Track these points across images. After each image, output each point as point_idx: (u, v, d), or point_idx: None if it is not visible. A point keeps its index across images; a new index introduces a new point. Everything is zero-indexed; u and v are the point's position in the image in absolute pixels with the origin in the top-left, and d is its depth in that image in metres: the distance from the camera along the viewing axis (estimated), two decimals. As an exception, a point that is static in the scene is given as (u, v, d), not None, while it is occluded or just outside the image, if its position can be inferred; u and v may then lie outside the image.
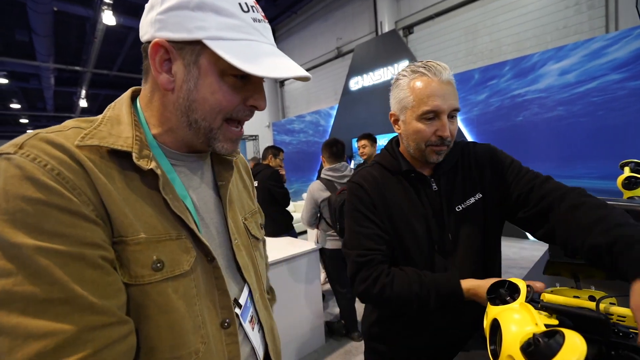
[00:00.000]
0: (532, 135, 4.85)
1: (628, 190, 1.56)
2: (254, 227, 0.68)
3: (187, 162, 0.56)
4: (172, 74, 0.48)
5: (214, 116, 0.50)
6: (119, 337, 0.40)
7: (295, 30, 11.18)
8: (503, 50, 6.28)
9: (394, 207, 0.84)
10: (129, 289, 0.43)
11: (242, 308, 0.57)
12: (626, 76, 3.96)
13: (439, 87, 0.77)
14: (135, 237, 0.44)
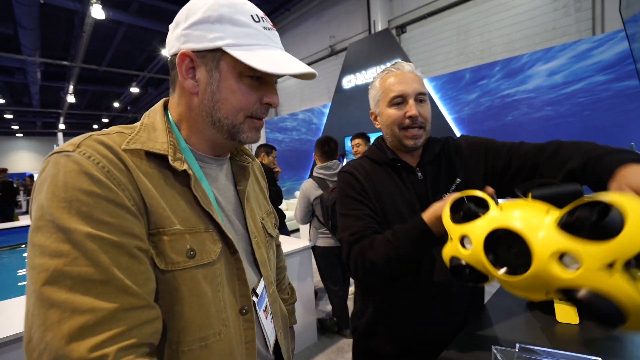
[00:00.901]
0: (521, 135, 4.94)
1: (611, 188, 1.61)
2: (270, 226, 0.76)
3: (213, 165, 0.64)
4: (197, 79, 0.55)
5: (236, 114, 0.57)
6: (148, 319, 0.45)
7: (288, 28, 11.12)
8: (493, 51, 6.36)
9: (383, 194, 0.88)
10: (165, 275, 0.49)
11: (258, 297, 0.64)
12: (611, 78, 4.06)
13: (402, 76, 0.88)
14: (171, 227, 0.50)
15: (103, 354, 0.39)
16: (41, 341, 0.38)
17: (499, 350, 0.65)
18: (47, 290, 0.39)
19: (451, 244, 0.53)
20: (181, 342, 0.50)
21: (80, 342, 0.38)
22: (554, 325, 0.82)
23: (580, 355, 0.61)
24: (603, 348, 0.72)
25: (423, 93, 0.88)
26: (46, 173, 0.45)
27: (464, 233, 0.50)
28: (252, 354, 0.59)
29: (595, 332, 0.78)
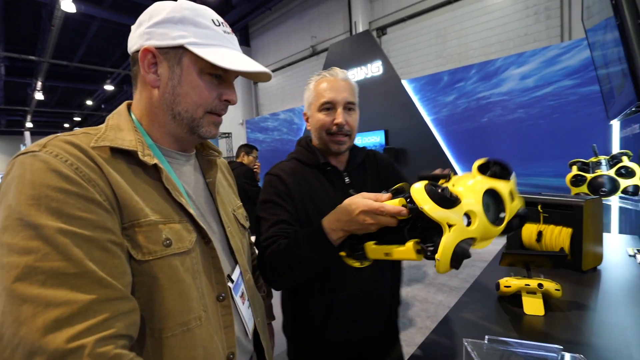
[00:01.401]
0: (495, 136, 5.13)
1: (575, 187, 1.71)
2: (242, 218, 0.78)
3: (180, 160, 0.65)
4: (158, 74, 0.57)
5: (195, 108, 0.59)
6: (125, 310, 0.45)
7: (270, 27, 11.05)
8: (470, 54, 6.58)
9: (310, 195, 0.90)
10: (143, 265, 0.50)
11: (234, 283, 0.66)
12: (577, 82, 4.30)
13: (335, 83, 0.91)
14: (146, 219, 0.51)
15: (81, 345, 0.39)
16: (14, 337, 0.38)
17: (470, 343, 0.68)
18: (18, 287, 0.39)
19: (452, 231, 0.51)
20: (164, 328, 0.51)
21: (57, 334, 0.38)
22: (522, 317, 0.87)
23: (544, 344, 0.65)
24: (565, 337, 0.77)
25: (352, 102, 0.92)
26: (12, 175, 0.45)
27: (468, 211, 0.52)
28: (231, 339, 0.61)
29: (558, 324, 0.83)
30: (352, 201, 0.67)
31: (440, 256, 0.51)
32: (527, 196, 1.28)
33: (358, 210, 0.64)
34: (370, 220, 0.62)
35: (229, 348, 0.60)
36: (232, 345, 0.60)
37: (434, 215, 0.51)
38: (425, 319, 2.68)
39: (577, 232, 1.10)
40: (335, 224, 0.69)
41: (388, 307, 0.98)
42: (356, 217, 0.64)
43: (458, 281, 3.40)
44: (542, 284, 0.89)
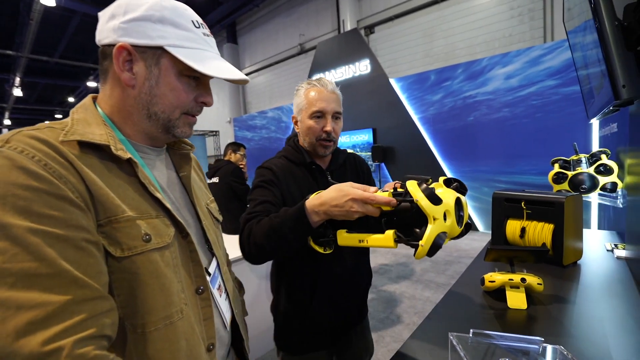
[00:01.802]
0: (481, 135, 5.23)
1: (557, 184, 1.76)
2: (215, 212, 0.79)
3: (152, 155, 0.64)
4: (134, 72, 0.56)
5: (172, 109, 0.59)
6: (103, 310, 0.44)
7: (257, 24, 10.95)
8: (457, 54, 6.67)
9: (298, 189, 1.00)
10: (122, 262, 0.49)
11: (211, 276, 0.66)
12: (560, 83, 4.41)
13: (325, 94, 1.00)
14: (123, 215, 0.50)
15: (58, 347, 0.38)
16: None
17: (455, 336, 0.69)
18: None
19: (436, 224, 0.61)
20: (147, 323, 0.51)
21: (31, 337, 0.37)
22: (505, 311, 0.89)
23: (526, 336, 0.66)
24: (546, 329, 0.79)
25: (339, 112, 1.03)
26: None
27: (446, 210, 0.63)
28: (211, 330, 0.61)
29: (540, 316, 0.86)
30: (342, 188, 0.71)
31: (424, 242, 0.60)
32: (511, 193, 1.31)
33: (348, 197, 0.69)
34: (357, 208, 0.68)
35: (209, 339, 0.61)
36: (212, 336, 0.61)
37: (425, 207, 0.61)
38: (413, 315, 2.71)
39: (558, 228, 1.14)
40: (319, 207, 0.73)
41: (364, 286, 1.14)
42: (344, 203, 0.69)
43: (445, 278, 3.46)
44: (525, 278, 0.91)
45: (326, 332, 1.05)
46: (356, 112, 6.83)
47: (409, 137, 6.02)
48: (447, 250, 4.39)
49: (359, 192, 0.69)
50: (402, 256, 4.25)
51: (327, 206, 0.71)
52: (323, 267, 1.00)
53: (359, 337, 1.16)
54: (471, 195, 5.43)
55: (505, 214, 1.32)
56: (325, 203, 0.72)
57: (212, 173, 2.80)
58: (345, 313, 1.07)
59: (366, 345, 1.20)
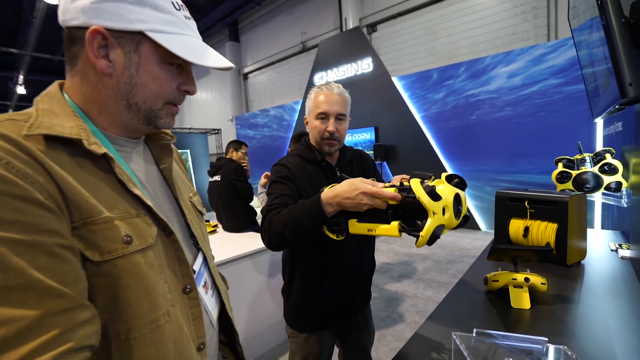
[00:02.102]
0: (484, 133, 5.20)
1: (560, 183, 1.75)
2: (198, 204, 0.75)
3: (128, 148, 0.60)
4: (111, 60, 0.51)
5: (155, 99, 0.55)
6: (83, 320, 0.41)
7: (259, 22, 10.93)
8: (460, 52, 6.64)
9: (310, 184, 1.09)
10: (102, 266, 0.46)
11: (195, 274, 0.63)
12: (563, 81, 4.38)
13: (330, 97, 1.09)
14: (100, 216, 0.46)
15: None
16: None
17: (458, 336, 0.69)
18: None
19: (435, 217, 0.68)
20: (132, 329, 0.48)
21: (3, 357, 0.34)
22: (509, 310, 0.89)
23: (530, 336, 0.66)
24: (550, 329, 0.79)
25: (343, 114, 1.10)
26: None
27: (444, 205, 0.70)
28: (201, 329, 0.60)
29: (544, 316, 0.85)
30: (353, 182, 0.80)
31: (424, 233, 0.68)
32: (514, 192, 1.31)
33: (359, 191, 0.77)
34: (366, 200, 0.76)
35: (199, 339, 0.59)
36: (202, 335, 0.60)
37: (426, 203, 0.68)
38: (415, 314, 2.71)
39: (562, 228, 1.13)
40: (332, 199, 0.82)
41: (367, 273, 1.23)
42: (356, 195, 0.77)
43: (447, 277, 3.45)
44: (528, 278, 0.91)
45: (333, 313, 1.15)
46: (358, 111, 6.82)
47: (411, 136, 6.00)
48: (449, 250, 4.38)
49: (368, 186, 0.76)
50: (404, 255, 4.25)
51: (340, 198, 0.80)
52: (332, 255, 1.09)
53: (361, 321, 1.25)
54: (473, 194, 5.42)
55: (508, 213, 1.32)
56: (338, 195, 0.80)
57: (213, 171, 2.80)
58: (351, 297, 1.16)
59: (368, 330, 1.29)
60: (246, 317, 2.18)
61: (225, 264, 2.04)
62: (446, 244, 4.62)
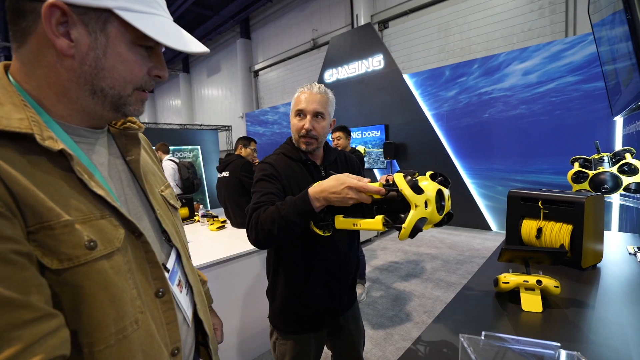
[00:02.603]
0: (497, 132, 5.10)
1: (576, 184, 1.69)
2: (171, 198, 0.70)
3: (91, 139, 0.54)
4: (73, 39, 0.45)
5: (124, 85, 0.50)
6: (49, 330, 0.38)
7: (271, 19, 10.93)
8: (473, 49, 6.51)
9: (296, 182, 1.09)
10: (62, 274, 0.42)
11: (169, 272, 0.60)
12: (581, 79, 4.25)
13: (309, 96, 1.09)
14: (58, 220, 0.42)
15: None
16: None
17: (466, 338, 0.67)
18: None
19: (417, 210, 0.71)
20: (95, 342, 0.44)
21: None
22: (519, 313, 0.86)
23: (541, 341, 0.64)
24: (563, 334, 0.76)
25: (320, 112, 1.09)
26: None
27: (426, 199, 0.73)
28: (176, 334, 0.57)
29: (556, 321, 0.82)
30: (340, 177, 0.82)
31: (406, 225, 0.70)
32: (527, 192, 1.27)
33: (345, 185, 0.79)
34: (352, 195, 0.79)
35: (173, 343, 0.56)
36: (177, 339, 0.57)
37: (408, 195, 0.71)
38: (422, 314, 2.68)
39: (577, 229, 1.09)
40: (320, 194, 0.83)
41: (353, 272, 1.22)
42: (342, 190, 0.79)
43: (456, 277, 3.40)
44: (541, 280, 0.88)
45: (319, 314, 1.14)
46: (368, 108, 6.76)
47: (422, 134, 5.92)
48: (459, 250, 4.32)
49: (354, 181, 0.79)
50: (413, 254, 4.21)
51: (327, 193, 0.82)
52: (317, 254, 1.08)
53: (350, 321, 1.24)
54: (484, 194, 5.33)
55: (521, 214, 1.28)
56: (325, 190, 0.82)
57: (222, 167, 2.82)
58: (337, 296, 1.16)
59: (358, 329, 1.28)
60: (255, 312, 2.18)
61: (233, 260, 2.05)
62: (456, 244, 4.56)
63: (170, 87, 16.90)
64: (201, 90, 14.85)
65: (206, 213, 2.99)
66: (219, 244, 2.32)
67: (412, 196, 0.71)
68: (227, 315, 2.04)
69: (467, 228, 5.47)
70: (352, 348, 1.26)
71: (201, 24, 11.40)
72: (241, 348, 2.13)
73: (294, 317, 1.13)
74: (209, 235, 2.58)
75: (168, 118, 17.32)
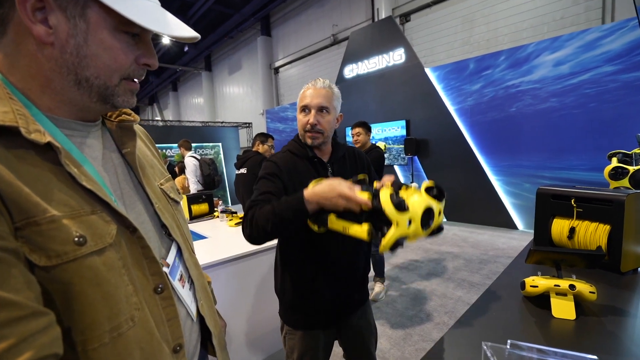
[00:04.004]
0: (524, 127, 4.86)
1: (614, 180, 1.57)
2: (171, 191, 0.68)
3: (83, 132, 0.53)
4: (51, 25, 0.43)
5: (110, 74, 0.48)
6: (38, 329, 0.37)
7: (290, 16, 10.92)
8: (499, 40, 6.22)
9: (300, 180, 1.08)
10: (51, 271, 0.41)
11: (170, 267, 0.58)
12: (620, 68, 3.96)
13: (313, 91, 1.10)
14: (45, 215, 0.40)
15: None
16: None
17: (490, 347, 0.62)
18: None
19: (398, 228, 0.72)
20: (88, 340, 0.43)
21: None
22: (550, 320, 0.80)
23: (575, 353, 0.58)
24: (600, 345, 0.69)
25: (324, 106, 1.09)
26: None
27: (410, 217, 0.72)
28: (177, 330, 0.55)
29: (592, 330, 0.75)
30: (332, 184, 0.84)
31: (385, 242, 0.73)
32: (559, 189, 1.18)
33: (336, 192, 0.82)
34: (342, 202, 0.81)
35: (175, 340, 0.54)
36: (179, 336, 0.55)
37: (389, 215, 0.72)
38: (443, 314, 2.60)
39: (616, 230, 1.00)
40: (313, 197, 0.86)
41: (362, 270, 1.21)
42: (332, 197, 0.82)
43: (479, 277, 3.28)
44: (574, 285, 0.81)
45: (328, 312, 1.14)
46: (389, 104, 6.63)
47: (444, 129, 5.74)
48: (482, 249, 4.17)
49: (345, 190, 0.81)
50: (434, 252, 4.10)
51: (319, 197, 0.85)
52: (322, 251, 1.09)
53: (360, 319, 1.23)
54: (510, 191, 5.10)
55: (551, 212, 1.20)
56: (318, 194, 0.85)
57: (240, 164, 2.84)
58: (345, 294, 1.16)
59: (368, 327, 1.27)
60: (271, 309, 2.19)
61: (251, 256, 2.06)
62: (479, 243, 4.40)
63: (193, 85, 17.31)
64: (223, 88, 15.11)
65: (225, 209, 3.03)
66: (236, 240, 2.34)
67: (393, 215, 0.72)
68: (243, 311, 2.05)
69: (492, 226, 5.27)
70: (362, 346, 1.25)
71: (223, 23, 11.57)
72: (256, 344, 2.14)
73: (302, 314, 1.14)
74: (228, 231, 2.61)
75: (191, 116, 17.77)
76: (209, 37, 12.48)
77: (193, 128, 9.03)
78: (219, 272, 1.89)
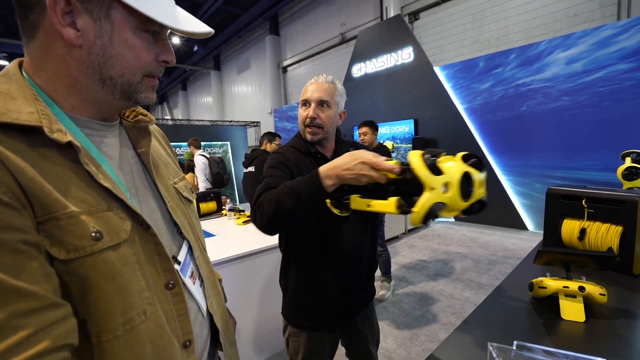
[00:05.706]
0: (535, 126, 4.77)
1: (628, 180, 1.53)
2: (184, 190, 0.70)
3: (102, 132, 0.55)
4: (79, 28, 0.45)
5: (133, 72, 0.50)
6: (56, 319, 0.39)
7: (299, 15, 10.93)
8: (510, 38, 6.12)
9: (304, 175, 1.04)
10: (69, 265, 0.43)
11: (181, 264, 0.60)
12: (635, 66, 3.86)
13: (314, 85, 1.09)
14: (64, 211, 0.43)
15: None
16: None
17: (495, 347, 0.61)
18: None
19: (432, 193, 0.62)
20: (102, 332, 0.45)
21: None
22: (558, 322, 0.78)
23: (583, 355, 0.57)
24: (609, 348, 0.68)
25: (325, 101, 1.08)
26: None
27: (446, 182, 0.63)
28: (187, 326, 0.57)
29: (602, 332, 0.74)
30: (354, 152, 0.77)
31: (417, 209, 0.62)
32: (569, 189, 1.16)
33: (358, 160, 0.74)
34: (365, 171, 0.73)
35: (185, 335, 0.56)
36: (189, 332, 0.57)
37: (421, 175, 0.63)
38: (450, 315, 2.58)
39: (628, 231, 0.98)
40: (331, 171, 0.78)
41: (368, 266, 1.18)
42: (354, 165, 0.74)
43: (487, 278, 3.24)
44: (584, 286, 0.79)
45: (333, 311, 1.11)
46: (397, 103, 6.59)
47: (453, 129, 5.68)
48: (491, 249, 4.11)
49: (369, 156, 0.74)
50: (442, 253, 4.06)
51: (339, 170, 0.77)
52: (328, 244, 1.07)
53: (364, 321, 1.22)
54: (520, 191, 5.02)
55: (561, 213, 1.18)
56: (338, 167, 0.77)
57: (247, 162, 2.86)
58: (351, 292, 1.13)
59: (372, 330, 1.25)
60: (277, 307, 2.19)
61: (257, 254, 2.07)
62: (488, 244, 4.34)
63: (202, 84, 17.46)
64: (231, 87, 15.20)
65: (233, 207, 3.05)
66: (243, 238, 2.36)
67: (426, 177, 0.63)
68: (249, 309, 2.06)
69: (501, 227, 5.20)
70: (364, 347, 1.24)
71: (231, 22, 11.63)
72: (261, 342, 2.15)
73: (307, 312, 1.11)
74: (235, 229, 2.63)
75: (200, 115, 17.93)
76: (217, 37, 12.56)
77: (202, 127, 9.12)
78: (225, 270, 1.91)
